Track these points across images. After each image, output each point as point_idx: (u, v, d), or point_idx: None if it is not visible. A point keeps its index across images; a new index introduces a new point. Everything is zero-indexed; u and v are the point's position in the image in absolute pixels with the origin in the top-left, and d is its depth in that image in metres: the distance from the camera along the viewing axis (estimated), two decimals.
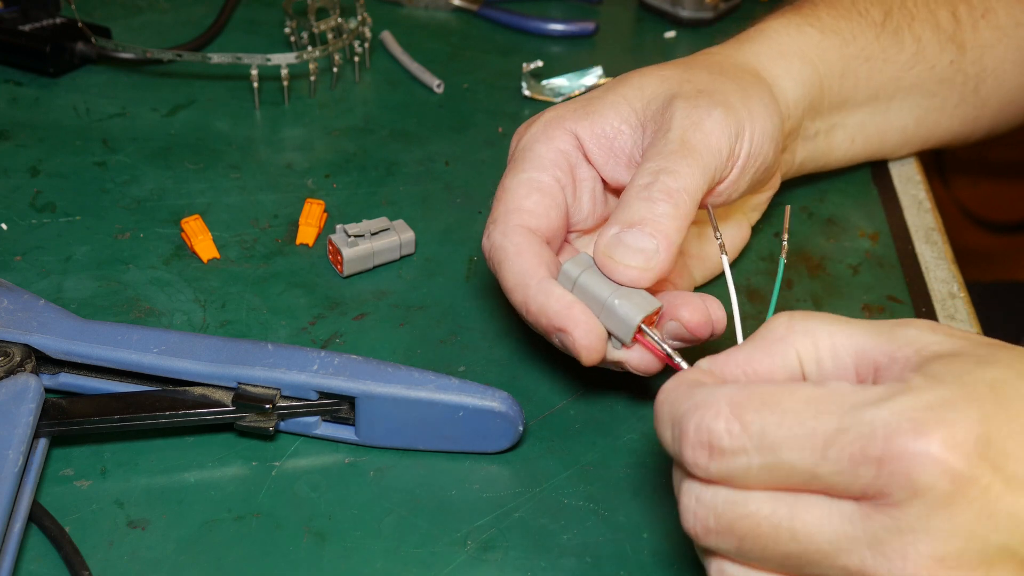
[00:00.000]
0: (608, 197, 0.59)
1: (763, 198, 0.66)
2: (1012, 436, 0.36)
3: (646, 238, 0.50)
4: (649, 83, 0.56)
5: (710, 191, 0.54)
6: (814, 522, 0.38)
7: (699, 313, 0.51)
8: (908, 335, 0.41)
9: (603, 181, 0.57)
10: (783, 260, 0.53)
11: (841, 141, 0.70)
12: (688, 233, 0.55)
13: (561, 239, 0.57)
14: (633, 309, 0.50)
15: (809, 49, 0.64)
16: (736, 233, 0.66)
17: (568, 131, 0.56)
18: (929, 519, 0.36)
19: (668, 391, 0.42)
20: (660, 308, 0.51)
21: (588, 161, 0.56)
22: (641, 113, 0.55)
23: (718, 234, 0.54)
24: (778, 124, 0.58)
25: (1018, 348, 0.40)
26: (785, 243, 0.53)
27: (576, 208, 0.57)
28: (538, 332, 0.53)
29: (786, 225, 0.54)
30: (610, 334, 0.51)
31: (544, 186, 0.54)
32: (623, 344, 0.51)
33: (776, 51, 0.62)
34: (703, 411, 0.39)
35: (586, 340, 0.50)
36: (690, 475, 0.40)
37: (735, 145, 0.54)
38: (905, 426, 0.36)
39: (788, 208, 0.55)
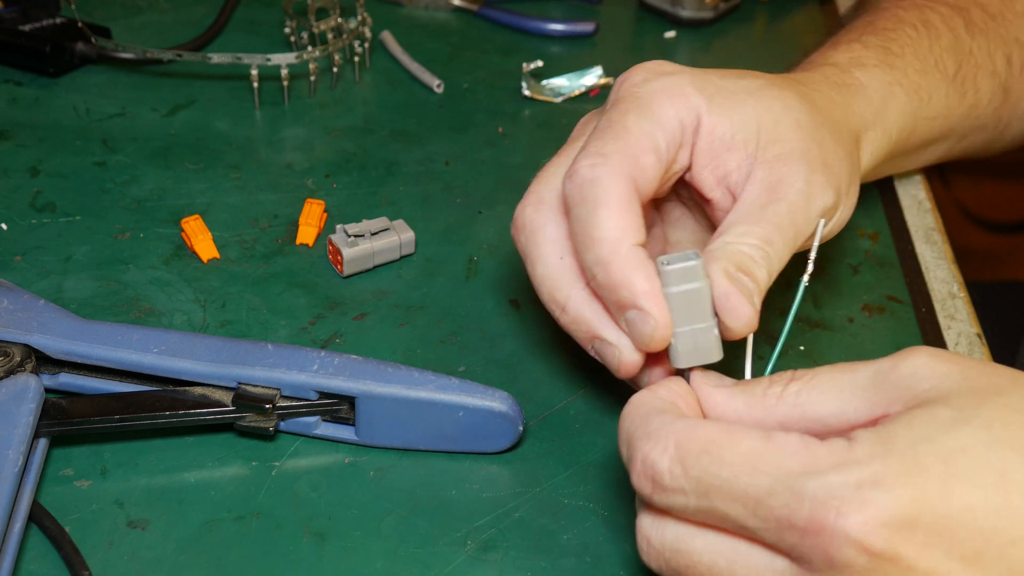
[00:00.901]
0: (678, 190, 0.55)
1: None
2: (951, 515, 0.37)
3: (754, 292, 0.48)
4: (785, 120, 0.51)
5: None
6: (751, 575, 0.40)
7: None
8: (902, 375, 0.41)
9: (685, 174, 0.53)
10: (804, 282, 0.51)
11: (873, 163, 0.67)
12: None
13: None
14: (718, 345, 0.47)
15: (894, 116, 0.61)
16: None
17: (695, 109, 0.50)
18: None
19: (630, 411, 0.43)
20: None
21: (691, 149, 0.51)
22: (763, 147, 0.51)
23: (814, 254, 0.51)
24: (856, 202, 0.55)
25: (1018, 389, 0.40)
26: (811, 262, 0.51)
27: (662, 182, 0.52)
28: (575, 339, 0.51)
29: (816, 242, 0.51)
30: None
31: (661, 149, 0.49)
32: (674, 367, 0.48)
33: (871, 116, 0.59)
34: (652, 444, 0.41)
35: (658, 334, 0.46)
36: (644, 507, 0.43)
37: (829, 223, 0.52)
38: (830, 503, 0.37)
39: (821, 222, 0.51)
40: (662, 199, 0.57)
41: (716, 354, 0.47)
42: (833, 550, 0.37)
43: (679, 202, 0.57)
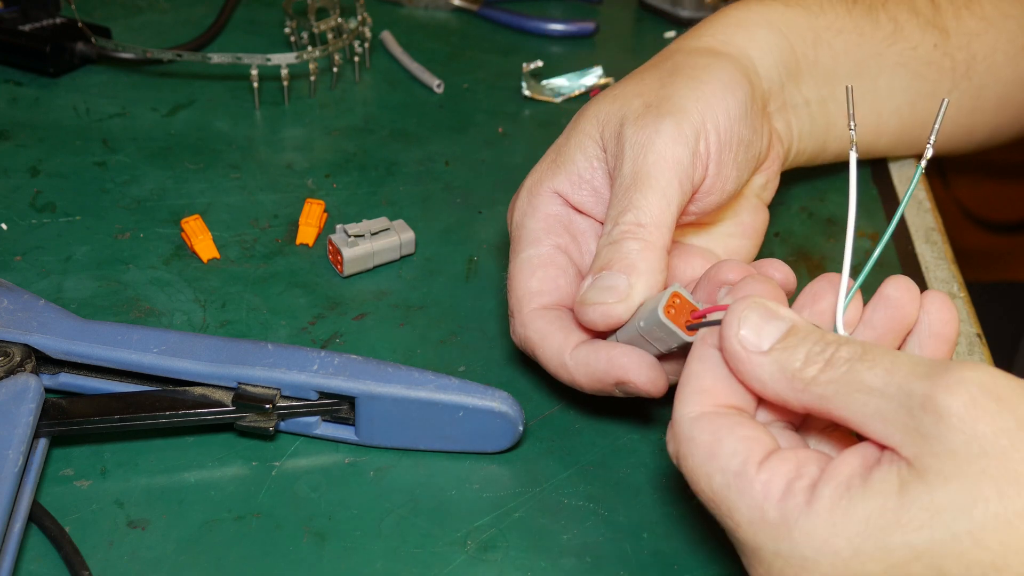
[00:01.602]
0: None
1: (769, 175, 0.63)
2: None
3: (615, 276, 0.50)
4: (603, 108, 0.55)
5: (689, 201, 0.54)
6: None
7: (740, 270, 0.49)
8: (938, 421, 0.37)
9: (601, 223, 0.56)
10: (922, 167, 0.47)
11: (837, 116, 0.67)
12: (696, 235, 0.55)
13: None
14: (652, 309, 0.48)
15: (774, 18, 0.62)
16: (753, 218, 0.62)
17: (549, 191, 0.55)
18: None
19: (705, 425, 0.43)
20: (675, 290, 0.48)
21: (579, 211, 0.56)
22: (603, 142, 0.55)
23: (852, 124, 0.49)
24: (746, 97, 0.56)
25: None
26: (930, 146, 0.47)
27: (586, 260, 0.56)
28: (604, 395, 0.53)
29: (936, 124, 0.47)
30: (665, 356, 0.50)
31: (544, 259, 0.54)
32: (683, 342, 0.49)
33: (737, 24, 0.61)
34: (671, 435, 0.44)
35: (643, 377, 0.49)
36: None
37: (697, 145, 0.53)
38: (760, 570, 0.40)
39: (945, 101, 0.48)
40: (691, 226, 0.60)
41: (656, 307, 0.48)
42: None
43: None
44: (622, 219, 0.51)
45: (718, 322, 0.44)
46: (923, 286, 0.67)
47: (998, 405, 0.37)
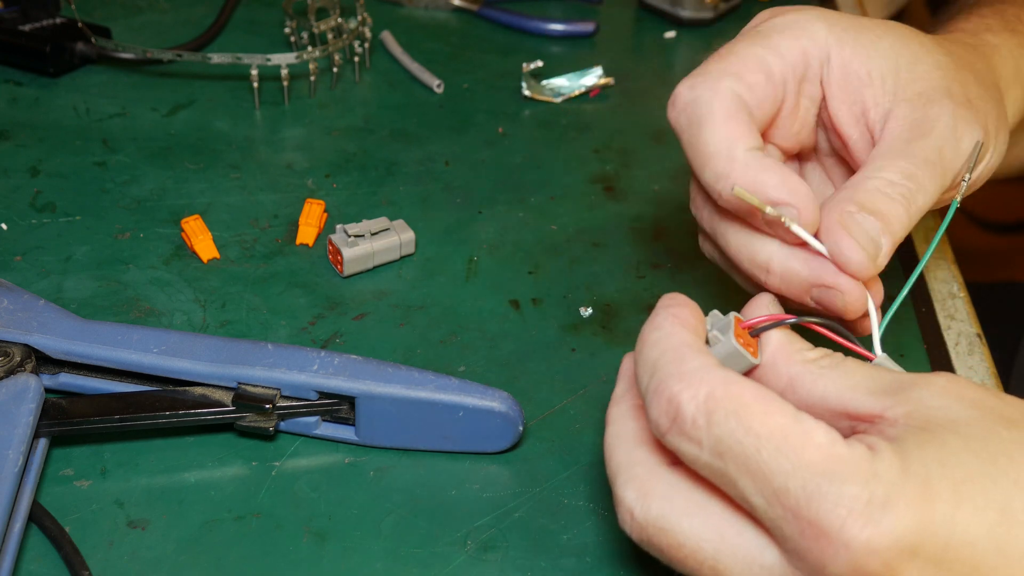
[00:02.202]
0: (818, 130, 0.53)
1: None
2: (951, 547, 0.36)
3: (878, 232, 0.46)
4: (926, 59, 0.50)
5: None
6: (736, 565, 0.39)
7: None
8: (918, 392, 0.40)
9: (820, 113, 0.51)
10: (957, 202, 0.49)
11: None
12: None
13: (763, 132, 0.50)
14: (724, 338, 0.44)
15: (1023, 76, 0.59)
16: None
17: (822, 43, 0.49)
18: None
19: (659, 338, 0.41)
20: (735, 315, 0.45)
21: (821, 83, 0.50)
22: (902, 85, 0.49)
23: (968, 176, 0.49)
24: (1005, 150, 0.53)
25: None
26: (965, 183, 0.49)
27: (782, 121, 0.50)
28: (724, 215, 0.48)
29: (971, 164, 0.49)
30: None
31: (773, 72, 0.48)
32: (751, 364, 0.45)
33: (1009, 75, 0.57)
34: (684, 386, 0.39)
35: (808, 213, 0.45)
36: (629, 482, 0.42)
37: (978, 166, 0.50)
38: (838, 510, 0.36)
39: (978, 141, 0.49)
40: (803, 161, 0.55)
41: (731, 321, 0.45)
42: (828, 557, 0.36)
43: (818, 165, 0.55)
44: (911, 185, 0.47)
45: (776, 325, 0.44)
46: (923, 286, 0.67)
47: (972, 389, 0.40)
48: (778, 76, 0.48)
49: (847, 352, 0.44)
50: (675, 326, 0.42)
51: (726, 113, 0.45)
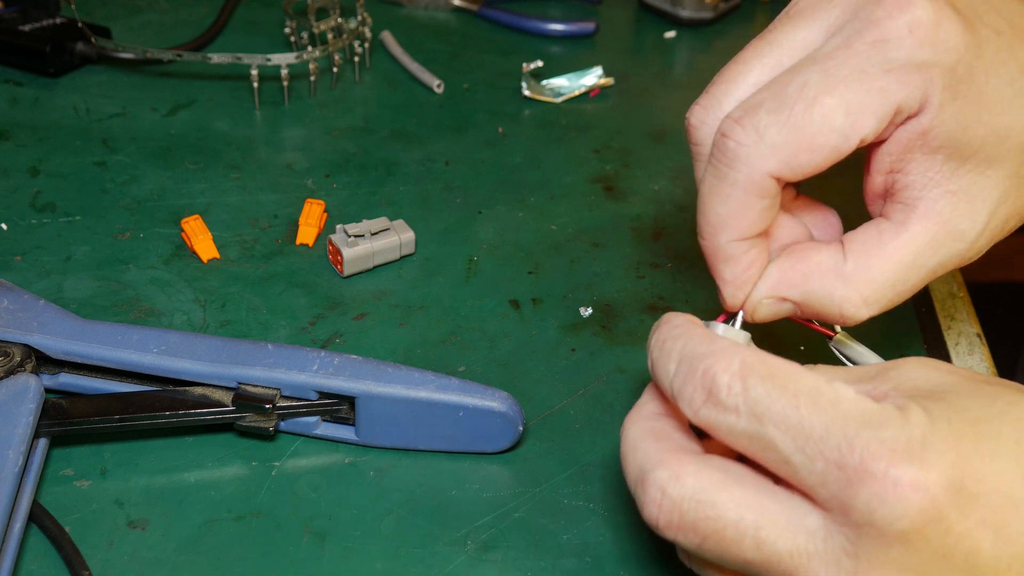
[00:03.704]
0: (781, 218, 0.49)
1: None
2: (985, 481, 0.37)
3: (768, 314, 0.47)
4: (1008, 160, 0.45)
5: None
6: (779, 534, 0.38)
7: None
8: (905, 372, 0.41)
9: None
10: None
11: None
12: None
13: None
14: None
15: None
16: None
17: (924, 95, 0.43)
18: (886, 550, 0.36)
19: (688, 329, 0.42)
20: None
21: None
22: (963, 171, 0.45)
23: None
24: None
25: (1009, 386, 0.40)
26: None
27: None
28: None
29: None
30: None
31: (842, 148, 0.43)
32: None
33: None
34: (716, 360, 0.39)
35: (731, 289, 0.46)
36: (659, 464, 0.40)
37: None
38: (883, 453, 0.36)
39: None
40: None
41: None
42: (876, 501, 0.36)
43: None
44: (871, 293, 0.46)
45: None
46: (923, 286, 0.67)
47: (942, 364, 0.42)
48: (848, 147, 0.43)
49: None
50: (688, 323, 0.42)
51: (742, 198, 0.44)
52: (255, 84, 0.80)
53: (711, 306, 0.46)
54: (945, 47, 0.42)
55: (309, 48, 0.81)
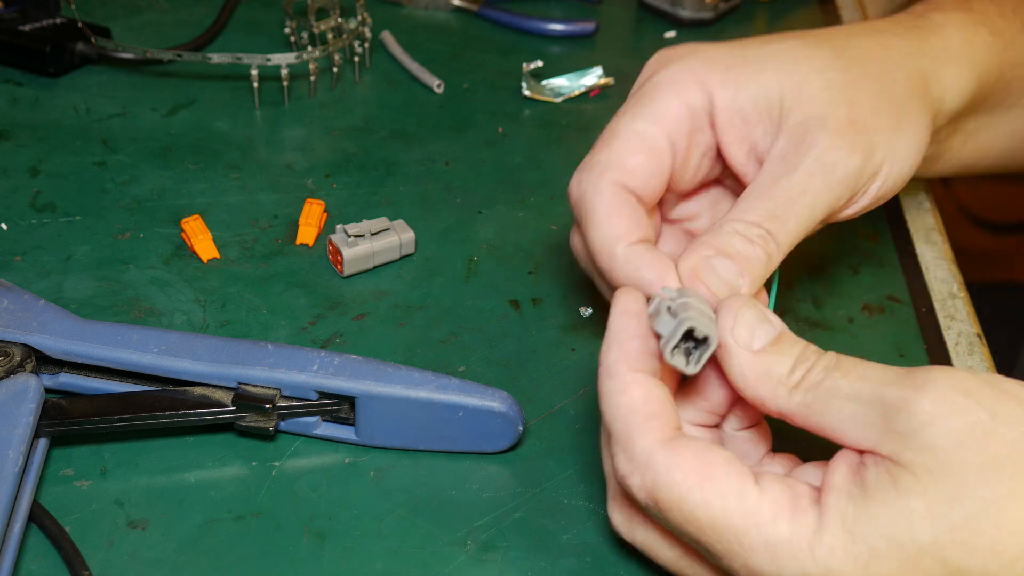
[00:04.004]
0: (715, 164, 0.54)
1: None
2: None
3: (735, 274, 0.47)
4: (813, 81, 0.50)
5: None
6: None
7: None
8: (914, 420, 0.39)
9: (716, 150, 0.52)
10: (777, 273, 0.51)
11: (955, 143, 0.63)
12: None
13: (655, 202, 0.52)
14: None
15: (979, 54, 0.57)
16: None
17: (705, 90, 0.50)
18: None
19: (614, 399, 0.43)
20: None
21: (712, 127, 0.51)
22: (784, 115, 0.50)
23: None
24: (920, 154, 0.53)
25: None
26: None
27: (681, 171, 0.52)
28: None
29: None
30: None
31: (655, 146, 0.49)
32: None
33: (950, 55, 0.56)
34: (631, 468, 0.42)
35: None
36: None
37: (864, 186, 0.50)
38: None
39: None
40: (707, 185, 0.56)
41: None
42: None
43: (723, 188, 0.56)
44: (769, 225, 0.47)
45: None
46: (923, 286, 0.67)
47: (967, 399, 0.38)
48: (662, 146, 0.50)
49: None
50: (629, 382, 0.43)
51: (607, 210, 0.48)
52: (255, 84, 0.80)
53: None
54: (692, 50, 0.51)
55: (309, 48, 0.81)
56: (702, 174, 0.53)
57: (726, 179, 0.56)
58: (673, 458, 0.41)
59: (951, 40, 0.56)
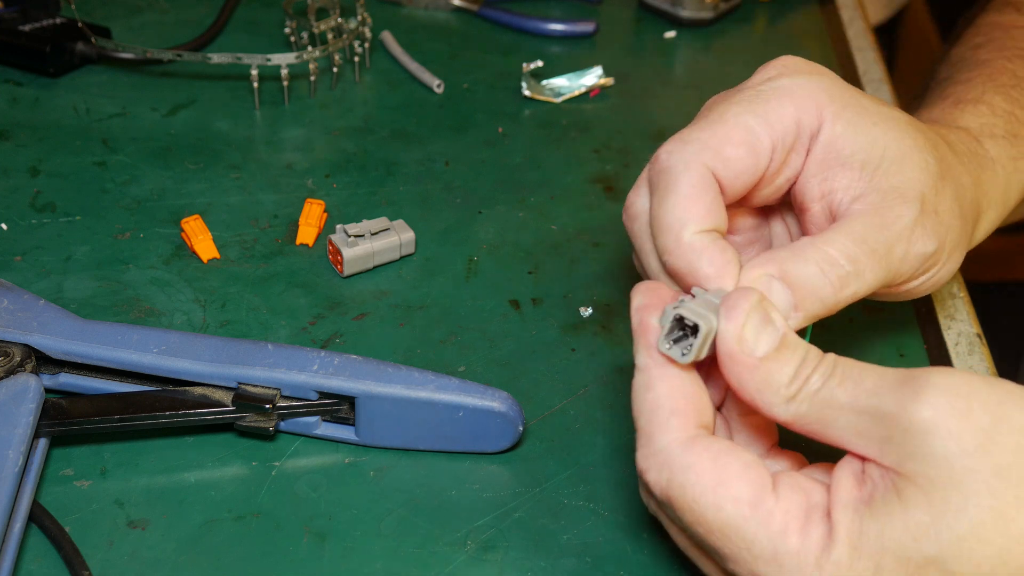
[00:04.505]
0: (786, 191, 0.51)
1: None
2: None
3: (788, 306, 0.45)
4: (914, 158, 0.49)
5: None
6: None
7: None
8: (915, 429, 0.38)
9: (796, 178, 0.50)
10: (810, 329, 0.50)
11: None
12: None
13: (733, 202, 0.49)
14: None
15: (1014, 194, 0.59)
16: None
17: (819, 115, 0.48)
18: None
19: (642, 391, 0.43)
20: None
21: (806, 153, 0.49)
22: (881, 176, 0.48)
23: None
24: (954, 272, 0.53)
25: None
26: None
27: (766, 182, 0.49)
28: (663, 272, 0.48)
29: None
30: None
31: (758, 146, 0.47)
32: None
33: (992, 201, 0.57)
34: (649, 465, 0.42)
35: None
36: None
37: (919, 274, 0.50)
38: None
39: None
40: (762, 209, 0.55)
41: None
42: None
43: (781, 219, 0.55)
44: (851, 270, 0.46)
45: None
46: None
47: (968, 404, 0.38)
48: (764, 149, 0.47)
49: None
50: (655, 376, 0.43)
51: (689, 190, 0.45)
52: (255, 84, 0.80)
53: None
54: (820, 71, 0.50)
55: (309, 48, 0.81)
56: (776, 195, 0.51)
57: (776, 211, 0.55)
58: (690, 458, 0.41)
59: (996, 183, 0.57)
